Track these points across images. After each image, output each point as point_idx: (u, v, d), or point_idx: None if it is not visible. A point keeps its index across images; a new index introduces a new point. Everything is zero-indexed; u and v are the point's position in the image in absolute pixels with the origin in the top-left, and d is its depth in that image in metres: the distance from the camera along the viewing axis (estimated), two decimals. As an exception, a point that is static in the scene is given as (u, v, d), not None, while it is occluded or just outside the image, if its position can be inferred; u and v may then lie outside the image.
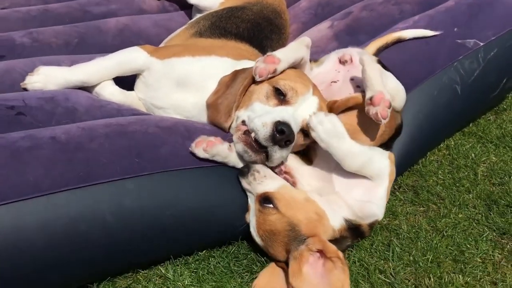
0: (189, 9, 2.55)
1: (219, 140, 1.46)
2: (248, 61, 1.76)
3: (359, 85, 1.69)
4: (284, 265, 1.40)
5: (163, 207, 1.33)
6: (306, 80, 1.64)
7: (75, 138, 1.34)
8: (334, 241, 1.41)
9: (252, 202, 1.46)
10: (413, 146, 1.79)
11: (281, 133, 1.39)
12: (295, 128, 1.44)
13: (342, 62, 1.79)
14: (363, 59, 1.60)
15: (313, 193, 1.48)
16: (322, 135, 1.39)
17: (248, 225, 1.46)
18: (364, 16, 2.16)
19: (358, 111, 1.55)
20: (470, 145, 1.99)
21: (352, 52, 1.80)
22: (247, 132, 1.45)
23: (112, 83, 1.79)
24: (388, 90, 1.48)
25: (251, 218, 1.45)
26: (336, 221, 1.44)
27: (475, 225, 1.60)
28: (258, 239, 1.43)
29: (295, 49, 1.70)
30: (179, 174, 1.36)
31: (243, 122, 1.50)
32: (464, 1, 2.08)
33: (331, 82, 1.77)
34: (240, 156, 1.49)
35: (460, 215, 1.63)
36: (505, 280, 1.40)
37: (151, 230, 1.33)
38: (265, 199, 1.41)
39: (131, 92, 1.83)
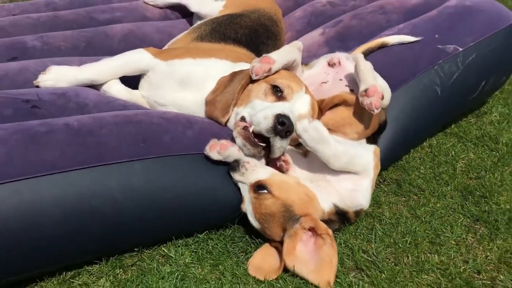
0: (190, 17, 2.71)
1: (230, 143, 1.58)
2: (245, 63, 1.91)
3: (347, 84, 1.84)
4: (279, 245, 1.53)
5: (167, 188, 1.46)
6: (299, 80, 1.79)
7: (87, 125, 1.48)
8: (323, 222, 1.54)
9: (245, 192, 1.57)
10: (397, 142, 1.93)
11: (282, 124, 1.52)
12: (294, 121, 1.58)
13: (331, 65, 1.94)
14: (356, 56, 1.77)
15: (305, 180, 1.62)
16: (308, 141, 1.52)
17: (243, 214, 1.60)
18: (353, 24, 2.32)
19: (343, 107, 1.70)
20: (451, 144, 2.14)
21: (340, 55, 1.96)
22: (246, 128, 1.59)
23: (118, 81, 1.94)
24: None
25: (247, 206, 1.57)
26: (325, 204, 1.57)
27: (451, 212, 1.73)
28: (255, 223, 1.56)
29: (288, 52, 1.85)
30: (181, 159, 1.50)
31: (242, 118, 1.64)
32: (445, 11, 2.24)
33: (321, 83, 1.92)
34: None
35: (438, 205, 1.77)
36: (476, 259, 1.53)
37: (155, 208, 1.46)
38: (259, 187, 1.53)
39: (135, 90, 1.97)
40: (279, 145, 1.55)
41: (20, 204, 1.30)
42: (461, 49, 2.07)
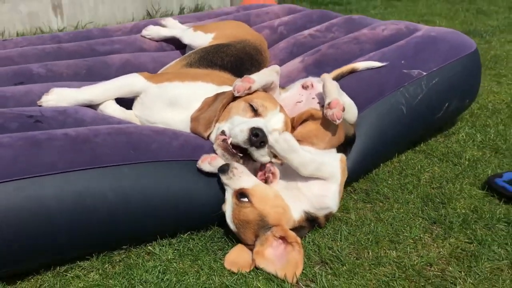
0: (184, 48, 2.96)
1: (218, 156, 1.79)
2: (229, 86, 2.13)
3: (319, 101, 2.05)
4: (252, 247, 1.70)
5: (153, 189, 1.66)
6: (274, 100, 2.01)
7: (83, 134, 1.69)
8: (294, 229, 1.72)
9: (229, 195, 1.74)
10: (366, 156, 2.13)
11: (256, 136, 1.72)
12: (267, 133, 1.78)
13: (305, 87, 2.16)
14: (324, 77, 2.00)
15: (280, 188, 1.80)
16: (279, 150, 1.71)
17: (222, 213, 1.78)
18: (330, 53, 2.56)
19: (311, 122, 1.91)
20: (418, 159, 2.33)
21: (313, 79, 2.19)
22: (225, 140, 1.80)
23: (114, 102, 2.16)
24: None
25: (227, 208, 1.75)
26: (296, 213, 1.75)
27: (411, 216, 1.91)
28: (232, 226, 1.73)
29: (267, 74, 2.08)
30: (166, 165, 1.70)
31: (223, 132, 1.85)
32: (412, 40, 2.48)
33: (296, 102, 2.14)
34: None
35: (401, 210, 1.95)
36: (429, 254, 1.70)
37: (142, 207, 1.65)
38: (242, 194, 1.70)
39: (129, 110, 2.18)
40: (257, 154, 1.74)
41: (24, 199, 1.49)
42: (425, 73, 2.29)
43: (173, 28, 3.05)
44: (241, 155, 1.79)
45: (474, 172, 2.20)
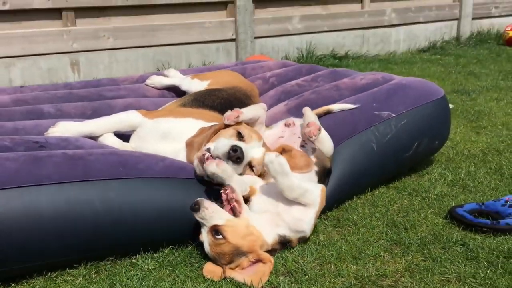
0: (183, 95, 3.25)
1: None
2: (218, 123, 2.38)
3: (299, 136, 2.29)
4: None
5: (136, 202, 1.88)
6: (259, 135, 2.25)
7: (79, 153, 1.94)
8: (267, 251, 1.90)
9: (204, 231, 1.89)
10: (340, 187, 2.33)
11: (235, 151, 1.95)
12: (246, 155, 2.00)
13: (287, 125, 2.42)
14: (305, 108, 2.28)
15: (259, 211, 1.99)
16: (271, 171, 1.90)
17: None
18: (312, 98, 2.82)
19: (284, 154, 2.14)
20: (390, 193, 2.52)
21: (294, 119, 2.45)
22: (205, 154, 1.99)
23: (112, 135, 2.42)
24: (319, 137, 2.09)
25: (204, 240, 1.89)
26: (270, 238, 1.93)
27: (375, 237, 2.08)
28: (209, 255, 1.89)
29: (255, 109, 2.36)
30: (151, 181, 1.93)
31: (207, 150, 2.05)
32: (385, 87, 2.74)
33: (279, 137, 2.38)
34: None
35: (366, 233, 2.12)
36: (386, 268, 1.85)
37: (126, 217, 1.86)
38: (216, 231, 1.86)
39: (126, 143, 2.44)
40: (229, 170, 1.95)
41: (22, 204, 1.73)
42: (394, 115, 2.53)
43: (173, 77, 3.36)
44: None
45: (440, 204, 2.38)
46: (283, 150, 2.18)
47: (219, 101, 2.73)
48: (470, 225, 2.13)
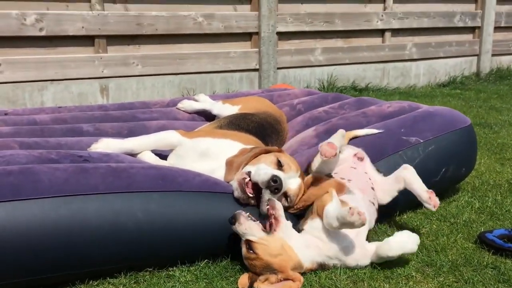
0: (213, 119, 3.35)
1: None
2: (254, 146, 2.46)
3: (370, 178, 2.35)
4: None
5: (175, 213, 1.96)
6: (298, 164, 2.29)
7: (122, 166, 2.03)
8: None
9: (242, 240, 1.97)
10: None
11: (275, 182, 2.01)
12: (284, 185, 2.06)
13: (359, 158, 2.43)
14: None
15: (298, 235, 2.01)
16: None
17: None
18: (340, 123, 2.89)
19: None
20: (418, 218, 2.56)
21: (363, 153, 2.45)
22: (245, 178, 2.08)
23: (150, 152, 2.51)
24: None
25: (242, 248, 1.97)
26: (308, 262, 1.98)
27: (406, 259, 2.11)
28: (245, 262, 1.97)
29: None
30: (188, 194, 2.01)
31: (248, 173, 2.12)
32: (412, 114, 2.82)
33: (350, 167, 2.38)
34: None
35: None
36: None
37: (165, 228, 1.94)
38: (249, 245, 1.93)
39: (164, 160, 2.53)
40: (267, 197, 2.02)
41: (70, 213, 1.81)
42: (422, 141, 2.59)
43: (204, 102, 3.47)
44: (251, 195, 2.07)
45: (468, 230, 2.41)
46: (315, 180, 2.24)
47: (253, 125, 2.82)
48: (500, 250, 2.16)
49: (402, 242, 1.97)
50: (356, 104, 3.27)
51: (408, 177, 2.27)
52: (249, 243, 1.92)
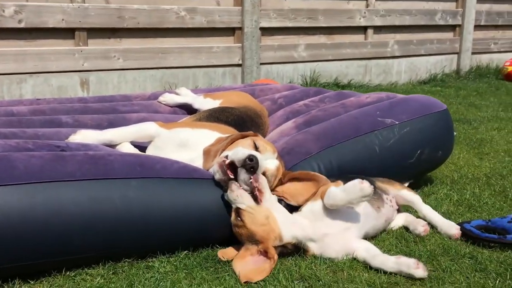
0: (195, 113, 3.33)
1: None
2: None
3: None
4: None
5: (153, 200, 1.96)
6: (274, 148, 2.30)
7: (99, 154, 2.02)
8: (279, 246, 1.99)
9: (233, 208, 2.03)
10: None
11: (251, 160, 2.02)
12: (260, 164, 2.07)
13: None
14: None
15: (284, 210, 2.06)
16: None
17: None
18: (319, 115, 2.90)
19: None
20: (397, 209, 2.57)
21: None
22: (224, 161, 2.08)
23: (129, 143, 2.49)
24: None
25: (232, 215, 2.02)
26: (287, 236, 2.00)
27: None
28: (233, 229, 2.02)
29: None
30: (166, 181, 2.01)
31: (226, 156, 2.12)
32: (388, 101, 2.88)
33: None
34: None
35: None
36: (397, 277, 1.90)
37: (144, 215, 1.93)
38: (238, 213, 1.99)
39: (142, 153, 2.50)
40: (242, 177, 2.03)
41: (46, 199, 1.79)
42: (397, 123, 2.64)
43: (185, 96, 3.45)
44: (231, 176, 2.07)
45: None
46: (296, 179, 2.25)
47: (232, 118, 2.81)
48: (478, 239, 2.18)
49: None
50: (336, 98, 3.28)
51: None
52: (238, 210, 1.98)
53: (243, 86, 4.00)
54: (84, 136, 2.44)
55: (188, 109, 3.40)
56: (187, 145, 2.39)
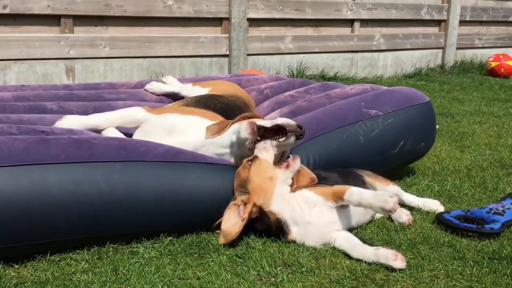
0: (181, 101, 3.33)
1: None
2: None
3: None
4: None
5: (137, 183, 1.97)
6: None
7: (84, 137, 2.03)
8: (260, 214, 2.05)
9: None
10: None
11: (300, 128, 2.08)
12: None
13: None
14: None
15: (287, 187, 2.10)
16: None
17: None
18: (303, 105, 2.93)
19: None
20: (380, 199, 2.61)
21: None
22: (255, 123, 2.12)
23: (114, 129, 2.49)
24: None
25: (244, 161, 2.12)
26: (275, 207, 2.05)
27: (367, 238, 2.17)
28: (236, 172, 2.12)
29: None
30: (150, 164, 2.03)
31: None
32: (372, 92, 2.91)
33: None
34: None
35: (359, 234, 2.20)
36: (378, 264, 1.94)
37: (128, 197, 1.95)
38: (252, 159, 2.07)
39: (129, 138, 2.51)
40: (291, 140, 2.10)
41: (30, 182, 1.79)
42: (381, 114, 2.68)
43: (172, 84, 3.45)
44: (258, 138, 2.12)
45: (427, 211, 2.48)
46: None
47: (220, 105, 2.83)
48: (457, 229, 2.23)
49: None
50: (321, 88, 3.32)
51: None
52: (254, 158, 2.08)
53: (229, 76, 4.01)
54: (71, 122, 2.43)
55: (174, 98, 3.40)
56: (176, 131, 2.40)
